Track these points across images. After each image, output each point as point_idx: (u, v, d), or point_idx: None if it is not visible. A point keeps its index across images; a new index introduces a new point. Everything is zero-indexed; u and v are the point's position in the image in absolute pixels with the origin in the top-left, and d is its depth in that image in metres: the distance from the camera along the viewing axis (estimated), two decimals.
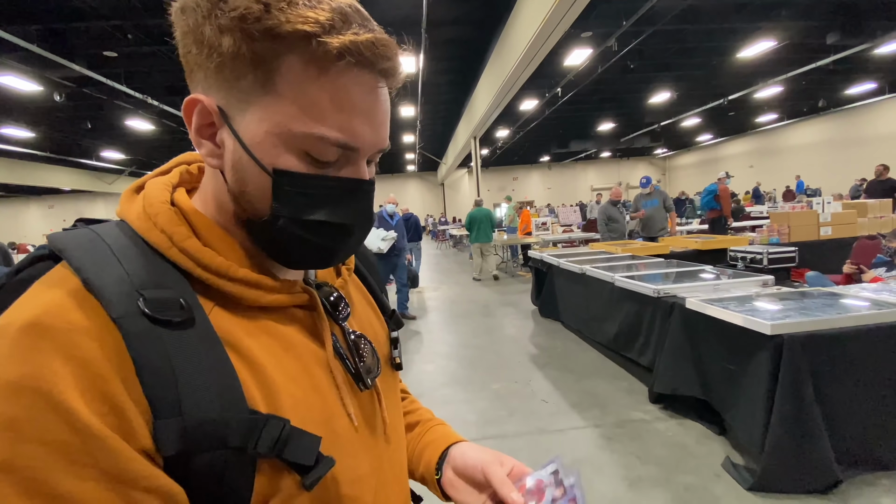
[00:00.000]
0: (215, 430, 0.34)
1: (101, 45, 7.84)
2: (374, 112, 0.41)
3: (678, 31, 9.12)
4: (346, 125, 0.39)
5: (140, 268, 0.37)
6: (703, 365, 2.69)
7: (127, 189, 0.45)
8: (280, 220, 0.40)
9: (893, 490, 2.02)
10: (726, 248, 5.29)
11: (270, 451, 0.36)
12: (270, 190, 0.40)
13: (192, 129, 0.40)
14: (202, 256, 0.39)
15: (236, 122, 0.39)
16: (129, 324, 0.33)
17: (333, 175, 0.41)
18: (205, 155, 0.41)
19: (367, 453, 0.46)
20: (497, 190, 26.29)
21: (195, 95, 0.39)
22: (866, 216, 5.90)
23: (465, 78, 11.25)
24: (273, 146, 0.39)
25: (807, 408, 2.04)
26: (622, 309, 3.62)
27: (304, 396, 0.41)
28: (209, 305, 0.39)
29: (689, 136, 22.97)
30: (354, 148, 0.41)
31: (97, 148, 16.45)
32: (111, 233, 0.39)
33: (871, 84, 14.26)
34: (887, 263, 3.41)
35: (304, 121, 0.38)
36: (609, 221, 7.00)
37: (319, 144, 0.39)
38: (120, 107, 10.71)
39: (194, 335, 0.35)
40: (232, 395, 0.35)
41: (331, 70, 0.37)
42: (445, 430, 0.66)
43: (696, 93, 13.85)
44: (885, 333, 2.14)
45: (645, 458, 2.45)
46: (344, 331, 0.48)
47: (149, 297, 0.35)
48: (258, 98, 0.38)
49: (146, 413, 0.32)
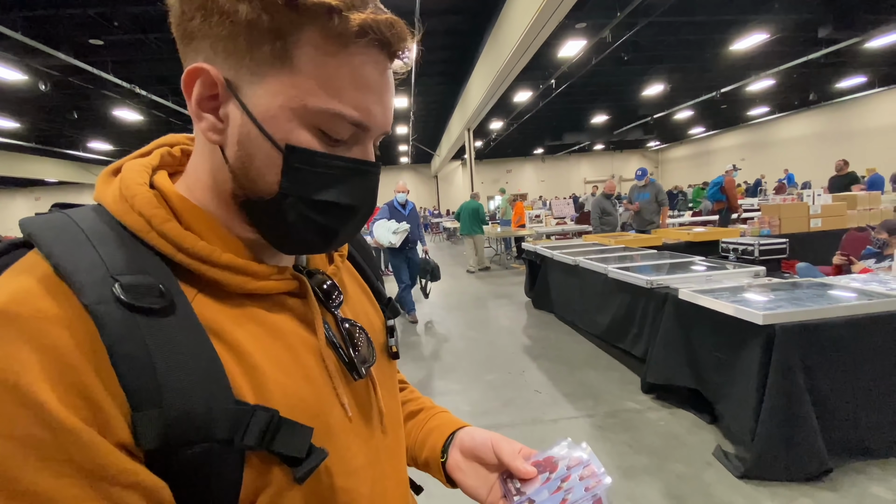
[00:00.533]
0: (199, 422, 0.32)
1: (87, 34, 7.67)
2: (385, 93, 0.41)
3: (672, 23, 9.09)
4: (361, 103, 0.39)
5: (116, 253, 0.35)
6: (695, 355, 2.71)
7: (103, 171, 0.43)
8: (288, 198, 0.39)
9: (883, 478, 2.05)
10: (718, 240, 5.32)
11: (259, 443, 0.34)
12: (280, 167, 0.38)
13: (192, 101, 0.38)
14: (183, 240, 0.37)
15: (245, 95, 0.37)
16: (103, 311, 0.31)
17: (344, 155, 0.40)
18: (205, 129, 0.39)
19: (363, 444, 0.45)
20: (491, 182, 26.24)
21: (199, 65, 0.37)
22: (856, 208, 5.96)
23: (458, 69, 11.17)
24: (287, 121, 0.37)
25: (797, 397, 2.06)
26: (615, 300, 3.64)
27: (294, 386, 0.39)
28: (192, 292, 0.37)
29: (681, 129, 23.03)
30: (367, 127, 0.40)
31: (84, 139, 16.15)
32: (86, 216, 0.37)
33: (862, 78, 14.36)
34: (876, 255, 3.45)
35: (322, 96, 0.37)
36: (603, 214, 7.02)
37: (334, 121, 0.38)
38: (107, 96, 10.50)
39: (175, 323, 0.33)
40: (216, 385, 0.33)
41: (350, 47, 0.37)
42: (450, 417, 0.65)
43: (689, 85, 13.87)
44: (874, 323, 2.16)
45: (637, 448, 2.47)
46: (336, 319, 0.46)
47: (125, 282, 0.33)
48: (273, 70, 0.36)
49: (123, 405, 0.30)
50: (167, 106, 11.09)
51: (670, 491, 2.10)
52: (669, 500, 2.05)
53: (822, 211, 5.68)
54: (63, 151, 16.89)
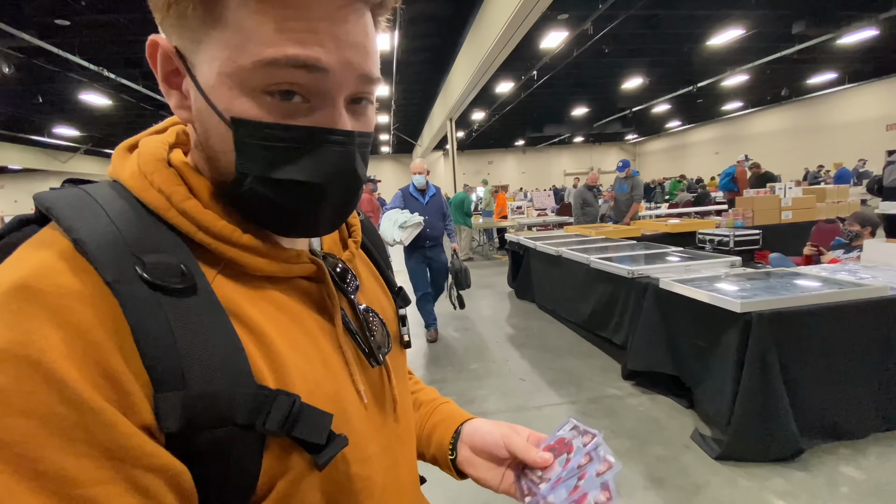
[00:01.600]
0: (221, 406, 0.31)
1: (52, 13, 7.31)
2: (344, 23, 0.34)
3: (651, 17, 9.20)
4: (306, 40, 0.32)
5: (137, 230, 0.33)
6: (674, 342, 2.79)
7: (119, 147, 0.41)
8: (247, 178, 0.36)
9: (852, 458, 2.16)
10: (695, 231, 5.46)
11: (280, 428, 0.33)
12: (232, 142, 0.35)
13: (159, 78, 0.37)
14: (204, 219, 0.36)
15: (194, 65, 0.35)
16: (126, 289, 0.30)
17: (307, 123, 0.35)
18: (174, 107, 0.37)
19: (377, 432, 0.44)
20: (473, 173, 26.24)
21: (152, 37, 0.35)
22: (825, 201, 6.18)
23: (440, 57, 11.07)
24: (227, 88, 0.34)
25: (771, 382, 2.15)
26: (597, 289, 3.70)
27: (312, 372, 0.38)
28: (211, 273, 0.36)
29: (658, 123, 23.44)
30: (320, 67, 0.33)
31: (49, 124, 15.47)
32: (103, 193, 0.35)
33: (832, 74, 14.83)
34: (845, 246, 3.59)
35: (252, 49, 0.32)
36: (584, 205, 7.10)
37: (275, 73, 0.33)
38: (73, 79, 10.05)
39: (197, 304, 0.32)
40: (238, 368, 0.32)
41: None
42: (452, 409, 0.64)
43: (667, 79, 14.09)
44: (844, 311, 2.25)
45: (619, 432, 2.53)
46: (353, 304, 0.45)
47: (147, 261, 0.31)
48: (205, 33, 0.33)
49: (146, 386, 0.30)
50: (138, 90, 10.68)
51: (651, 473, 2.17)
52: (650, 481, 2.11)
53: (793, 203, 5.88)
54: (27, 137, 16.15)
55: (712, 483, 2.06)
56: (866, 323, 2.26)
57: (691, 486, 2.05)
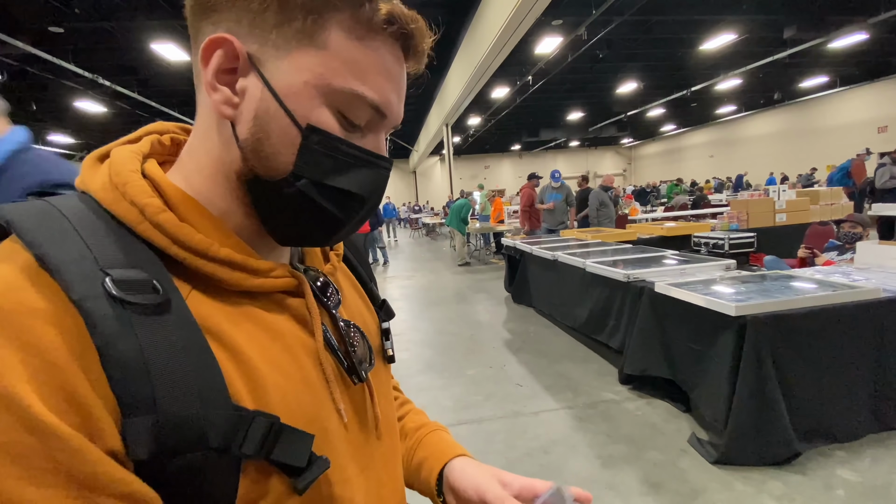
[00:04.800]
0: (195, 429, 0.30)
1: (46, 20, 7.30)
2: (401, 86, 0.41)
3: (645, 22, 9.29)
4: (382, 90, 0.39)
5: (106, 244, 0.32)
6: (670, 346, 2.78)
7: (89, 156, 0.40)
8: (301, 179, 0.37)
9: (848, 460, 2.16)
10: (690, 235, 5.48)
11: (258, 451, 0.32)
12: (297, 146, 0.37)
13: (208, 72, 0.36)
14: (178, 232, 0.35)
15: (267, 69, 0.36)
16: (93, 307, 0.29)
17: (359, 144, 0.39)
18: (219, 101, 0.37)
19: (358, 452, 0.44)
20: (469, 178, 26.30)
21: (223, 34, 0.36)
22: (818, 203, 6.22)
23: (436, 63, 11.10)
24: (309, 98, 0.37)
25: (767, 385, 2.15)
26: (593, 294, 3.70)
27: (293, 390, 0.37)
28: (186, 289, 0.35)
29: (653, 127, 23.59)
30: (384, 114, 0.40)
31: (44, 131, 15.40)
32: (70, 205, 0.34)
33: (824, 78, 14.99)
34: (839, 248, 3.61)
35: (346, 77, 0.37)
36: (601, 206, 7.02)
37: (356, 104, 0.38)
38: (68, 87, 10.03)
39: (170, 321, 0.31)
40: (214, 388, 0.31)
41: (376, 35, 0.37)
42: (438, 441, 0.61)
43: (661, 83, 14.21)
44: (839, 313, 2.26)
45: (615, 437, 2.53)
46: (334, 319, 0.45)
47: (116, 277, 0.30)
48: (301, 48, 0.36)
49: (114, 410, 0.28)
50: (133, 97, 10.67)
51: (648, 478, 2.16)
52: (647, 486, 2.10)
53: (787, 206, 5.92)
54: None
55: (709, 488, 2.06)
56: (860, 325, 2.27)
57: (688, 491, 2.05)
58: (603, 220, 6.98)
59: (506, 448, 2.52)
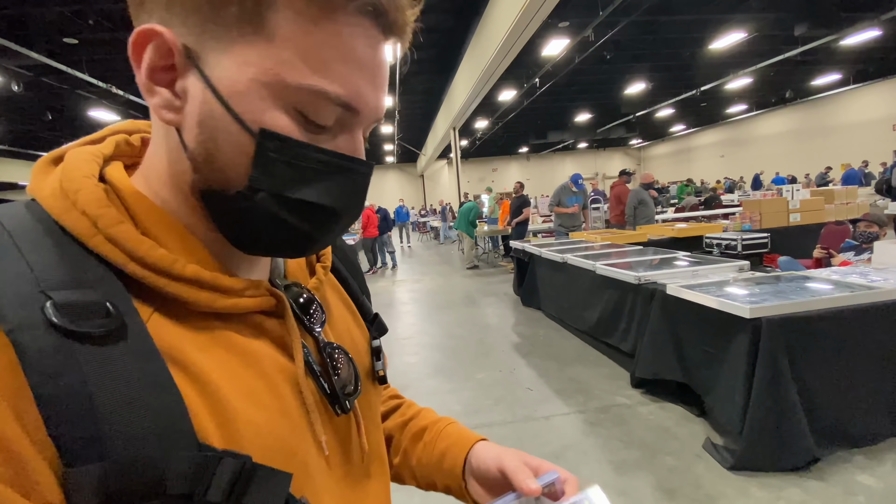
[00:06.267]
0: (150, 475, 0.26)
1: (60, 32, 7.46)
2: (378, 73, 0.34)
3: (652, 22, 9.23)
4: (350, 82, 0.32)
5: (50, 261, 0.28)
6: (683, 349, 2.74)
7: (41, 160, 0.35)
8: (259, 193, 0.32)
9: (868, 466, 2.10)
10: (702, 236, 5.41)
11: (226, 498, 0.28)
12: (251, 154, 0.31)
13: (141, 71, 0.32)
14: (137, 247, 0.31)
15: (209, 66, 0.31)
16: (28, 338, 0.25)
17: (329, 147, 0.34)
18: (158, 106, 0.32)
19: (337, 485, 0.40)
20: (477, 181, 26.29)
21: (151, 26, 0.30)
22: (833, 203, 6.11)
23: (443, 67, 11.16)
24: (259, 98, 0.31)
25: (784, 388, 2.10)
26: (603, 296, 3.67)
27: (269, 423, 0.33)
28: (147, 311, 0.31)
29: (663, 127, 23.41)
30: (357, 111, 0.34)
31: (59, 140, 15.65)
32: (14, 214, 0.30)
33: (837, 75, 14.76)
34: (855, 247, 3.54)
35: (302, 69, 0.31)
36: (639, 205, 6.75)
37: (317, 101, 0.32)
38: (82, 96, 10.24)
39: (124, 350, 0.27)
40: (175, 426, 0.27)
41: (337, 14, 0.31)
42: (458, 431, 0.57)
43: (669, 84, 14.10)
44: (857, 315, 2.21)
45: (628, 442, 2.49)
46: (318, 342, 0.41)
47: (59, 300, 0.26)
48: (243, 36, 0.30)
49: (52, 459, 0.25)
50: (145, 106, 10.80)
51: (662, 484, 2.12)
52: (661, 493, 2.06)
53: (801, 206, 5.82)
54: (38, 154, 16.43)
55: (725, 494, 2.01)
56: (879, 326, 2.22)
57: (704, 498, 2.01)
58: (640, 221, 6.70)
59: None
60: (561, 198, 6.91)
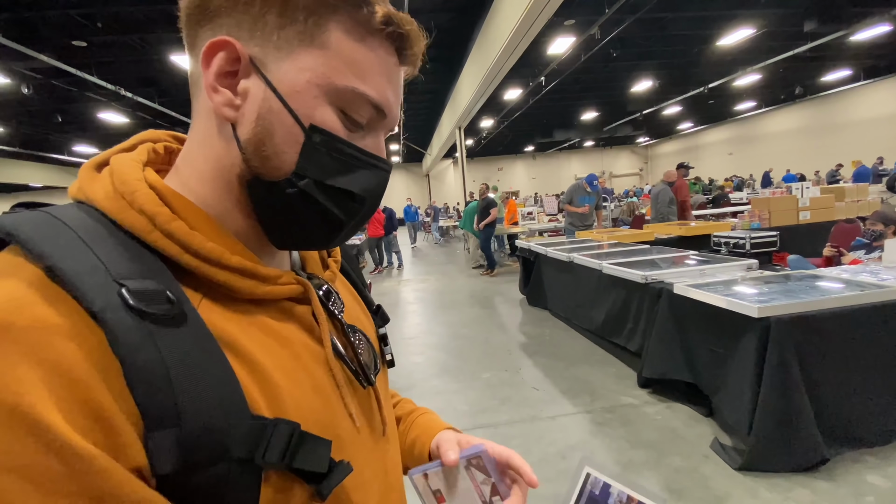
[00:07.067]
0: (218, 441, 0.29)
1: (70, 35, 7.54)
2: (398, 88, 0.42)
3: (659, 19, 9.16)
4: (381, 89, 0.40)
5: (116, 255, 0.31)
6: (690, 349, 2.72)
7: (86, 165, 0.39)
8: (304, 179, 0.38)
9: (878, 466, 2.08)
10: (710, 234, 5.36)
11: (280, 459, 0.32)
12: (300, 145, 0.37)
13: (209, 74, 0.37)
14: (191, 241, 0.34)
15: (269, 71, 0.37)
16: (114, 318, 0.28)
17: (361, 145, 0.40)
18: (220, 104, 0.37)
19: (369, 456, 0.44)
20: (482, 180, 26.20)
21: (224, 38, 0.36)
22: (843, 200, 6.04)
23: (448, 67, 11.15)
24: (312, 97, 0.37)
25: (793, 388, 2.08)
26: (610, 296, 3.65)
27: (305, 398, 0.37)
28: (196, 298, 0.35)
29: (670, 125, 23.22)
30: (384, 113, 0.41)
31: (69, 142, 15.92)
32: (72, 215, 0.33)
33: (847, 71, 14.56)
34: (866, 246, 3.49)
35: (348, 75, 0.38)
36: (670, 203, 6.77)
37: (358, 102, 0.39)
38: (91, 99, 10.36)
39: (188, 333, 0.31)
40: (233, 399, 0.31)
41: (374, 37, 0.38)
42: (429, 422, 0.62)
43: (676, 81, 13.98)
44: (867, 314, 2.18)
45: (635, 442, 2.48)
46: (341, 325, 0.45)
47: (132, 287, 0.29)
48: (303, 48, 0.37)
49: (137, 425, 0.28)
50: (154, 108, 10.93)
51: (669, 485, 2.11)
52: (668, 493, 2.05)
53: (811, 203, 5.75)
54: (48, 156, 16.64)
55: (733, 495, 2.00)
56: (890, 325, 2.19)
57: (712, 498, 1.99)
58: (669, 218, 6.68)
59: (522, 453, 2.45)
60: (573, 196, 6.88)
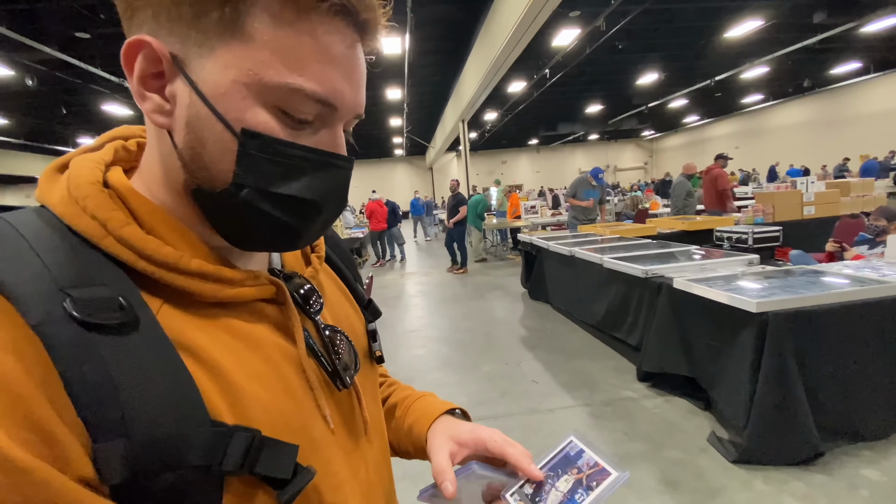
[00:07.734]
0: (171, 449, 0.29)
1: (73, 27, 7.54)
2: (353, 69, 0.37)
3: (666, 11, 9.05)
4: (325, 78, 0.35)
5: (65, 262, 0.30)
6: (689, 343, 2.73)
7: (47, 168, 0.37)
8: (243, 189, 0.34)
9: (873, 460, 2.09)
10: (712, 229, 5.34)
11: (240, 466, 0.31)
12: (234, 153, 0.34)
13: (133, 80, 0.34)
14: (145, 246, 0.33)
15: (193, 70, 0.33)
16: (53, 331, 0.27)
17: (310, 144, 0.36)
18: (149, 111, 0.35)
19: (346, 456, 0.43)
20: (486, 174, 26.17)
21: (140, 37, 0.33)
22: (849, 195, 5.99)
23: (452, 59, 11.08)
24: (241, 98, 0.33)
25: (790, 383, 2.09)
26: (611, 290, 3.65)
27: (274, 401, 0.36)
28: (156, 303, 0.34)
29: (675, 118, 23.02)
30: (334, 106, 0.36)
31: (73, 134, 15.95)
32: (27, 221, 0.32)
33: (857, 63, 14.36)
34: (869, 241, 3.47)
35: (279, 69, 0.33)
36: (687, 196, 6.76)
37: (296, 98, 0.34)
38: (95, 91, 10.37)
39: (139, 339, 0.30)
40: (190, 405, 0.31)
41: (311, 15, 0.33)
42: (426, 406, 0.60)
43: (683, 73, 13.84)
44: (866, 309, 2.18)
45: (633, 435, 2.50)
46: (317, 325, 0.44)
47: (77, 296, 0.29)
48: (223, 41, 0.32)
49: (83, 436, 0.27)
50: None
51: (666, 477, 2.13)
52: (665, 485, 2.07)
53: (816, 198, 5.70)
54: (52, 148, 16.69)
55: (729, 487, 2.02)
56: (889, 321, 2.19)
57: (707, 490, 2.01)
58: (688, 211, 6.65)
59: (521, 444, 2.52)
60: (578, 190, 6.86)
